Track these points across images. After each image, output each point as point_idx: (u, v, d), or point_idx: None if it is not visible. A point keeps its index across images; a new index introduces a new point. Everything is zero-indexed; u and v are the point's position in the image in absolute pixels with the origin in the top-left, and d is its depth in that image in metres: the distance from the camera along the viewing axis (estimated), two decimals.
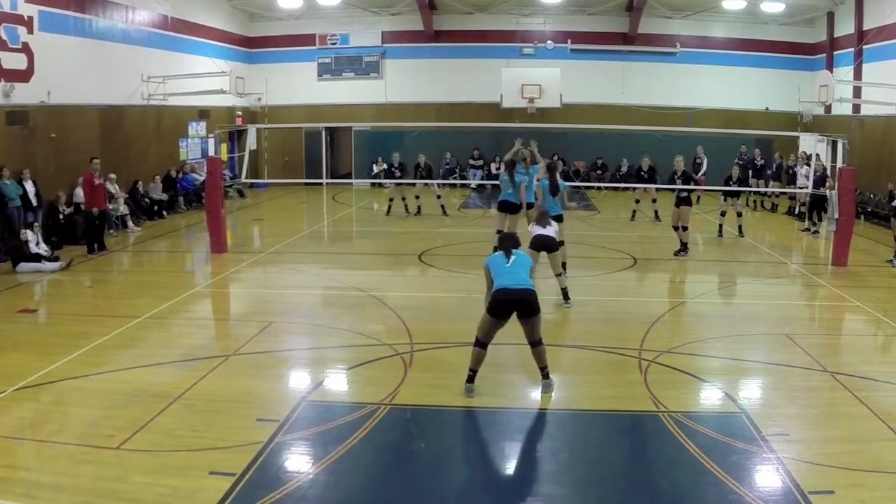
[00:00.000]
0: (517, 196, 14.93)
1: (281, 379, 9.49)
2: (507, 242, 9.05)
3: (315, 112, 29.85)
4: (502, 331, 9.25)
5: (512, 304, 8.44)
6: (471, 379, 8.74)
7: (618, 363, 9.86)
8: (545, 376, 8.85)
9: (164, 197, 23.25)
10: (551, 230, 12.14)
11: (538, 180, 14.36)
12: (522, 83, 27.62)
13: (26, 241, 15.68)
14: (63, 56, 19.24)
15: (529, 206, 14.69)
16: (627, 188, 27.21)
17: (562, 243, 13.04)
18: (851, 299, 13.37)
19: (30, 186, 17.30)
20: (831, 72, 25.68)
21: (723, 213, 19.75)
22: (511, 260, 8.74)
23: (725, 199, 19.85)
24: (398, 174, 23.83)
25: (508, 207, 15.17)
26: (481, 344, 8.67)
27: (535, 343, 8.72)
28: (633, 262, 16.00)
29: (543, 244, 12.07)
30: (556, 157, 23.28)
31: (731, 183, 19.60)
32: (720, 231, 19.64)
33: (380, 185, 30.56)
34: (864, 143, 22.89)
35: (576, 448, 7.62)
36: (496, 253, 9.12)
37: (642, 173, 22.74)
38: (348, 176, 31.75)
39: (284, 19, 31.30)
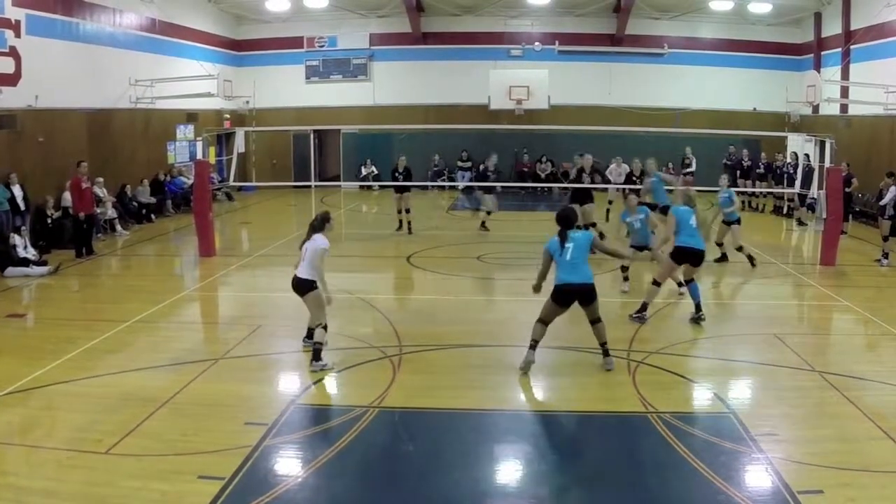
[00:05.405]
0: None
1: (269, 382, 9.47)
2: (563, 222, 9.43)
3: (303, 115, 29.84)
4: (492, 334, 9.23)
5: (573, 296, 9.31)
6: (533, 347, 9.42)
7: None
8: (605, 353, 9.58)
9: (153, 200, 23.19)
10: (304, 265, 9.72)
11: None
12: (510, 85, 27.69)
13: (14, 246, 15.61)
14: (50, 60, 19.15)
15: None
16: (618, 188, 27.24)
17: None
18: (840, 299, 13.43)
19: (17, 190, 17.21)
20: (819, 72, 25.82)
21: None
22: (569, 250, 9.23)
23: None
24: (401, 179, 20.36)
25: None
26: (543, 322, 9.47)
27: (595, 321, 9.50)
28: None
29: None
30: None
31: (634, 179, 18.74)
32: None
33: (368, 187, 30.61)
34: (851, 143, 22.98)
35: (564, 449, 7.63)
36: (554, 237, 9.44)
37: (634, 178, 19.41)
38: (336, 178, 31.67)
39: (272, 22, 31.24)
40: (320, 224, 9.86)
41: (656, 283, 11.72)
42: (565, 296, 9.28)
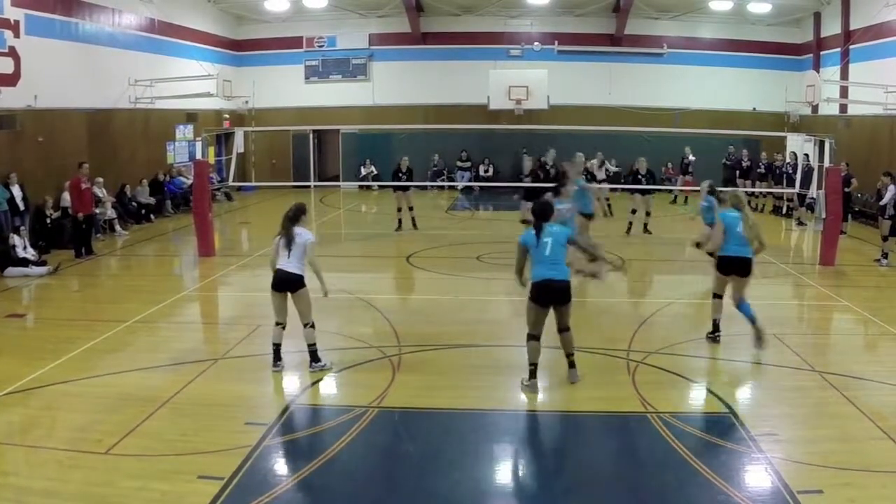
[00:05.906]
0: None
1: (269, 382, 9.44)
2: (540, 215, 8.92)
3: (302, 114, 29.79)
4: (491, 333, 9.19)
5: (554, 294, 8.70)
6: (532, 374, 8.90)
7: (606, 364, 9.85)
8: (571, 364, 9.09)
9: (152, 200, 23.19)
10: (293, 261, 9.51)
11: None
12: (510, 85, 27.67)
13: (13, 246, 15.61)
14: (50, 60, 19.13)
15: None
16: (615, 189, 27.24)
17: None
18: (839, 299, 13.43)
19: (17, 191, 17.21)
20: (818, 72, 25.83)
21: (633, 211, 19.67)
22: (548, 244, 8.71)
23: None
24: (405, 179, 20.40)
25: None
26: (534, 337, 8.85)
27: (565, 329, 8.94)
28: (621, 263, 15.99)
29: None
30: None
31: (640, 177, 19.51)
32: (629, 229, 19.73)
33: (367, 187, 30.61)
34: (851, 143, 22.96)
35: (564, 450, 7.63)
36: (530, 230, 8.91)
37: (640, 177, 19.66)
38: (336, 178, 31.69)
39: (271, 22, 31.21)
40: (295, 215, 9.62)
41: (717, 297, 10.89)
42: (546, 294, 8.71)
